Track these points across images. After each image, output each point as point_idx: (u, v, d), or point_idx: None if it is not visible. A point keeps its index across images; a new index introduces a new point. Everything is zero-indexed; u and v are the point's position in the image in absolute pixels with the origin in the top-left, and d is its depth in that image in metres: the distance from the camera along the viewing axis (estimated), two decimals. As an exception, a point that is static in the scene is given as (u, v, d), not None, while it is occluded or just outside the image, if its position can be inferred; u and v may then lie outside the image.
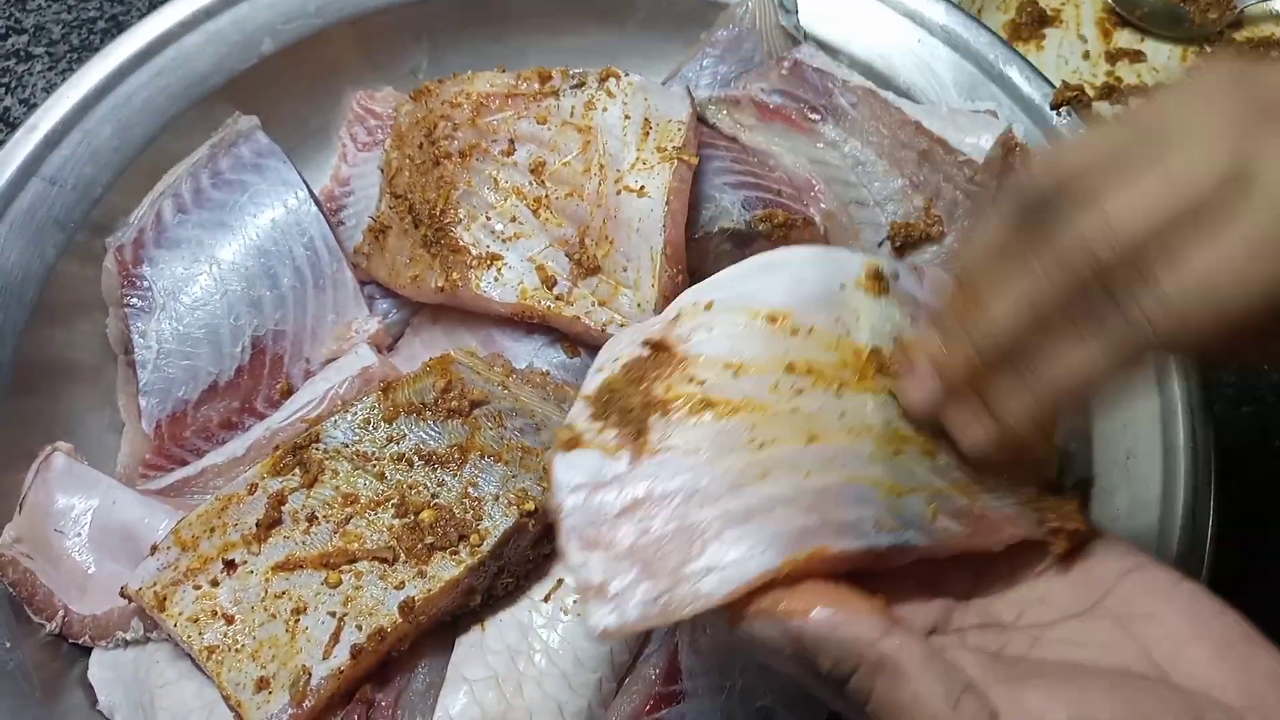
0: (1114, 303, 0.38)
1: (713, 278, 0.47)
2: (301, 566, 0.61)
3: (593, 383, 0.45)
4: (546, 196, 0.72)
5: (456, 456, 0.64)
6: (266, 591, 0.61)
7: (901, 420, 0.45)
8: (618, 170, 0.71)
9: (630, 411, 0.43)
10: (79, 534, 0.67)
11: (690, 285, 0.69)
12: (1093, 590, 0.44)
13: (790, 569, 0.40)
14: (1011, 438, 0.43)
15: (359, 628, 0.59)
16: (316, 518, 0.63)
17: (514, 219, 0.73)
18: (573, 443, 0.43)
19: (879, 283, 0.47)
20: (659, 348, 0.45)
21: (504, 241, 0.73)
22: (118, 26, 1.00)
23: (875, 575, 0.43)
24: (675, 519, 0.41)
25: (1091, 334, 0.39)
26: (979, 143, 0.74)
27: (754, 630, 0.40)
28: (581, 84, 0.74)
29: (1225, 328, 0.37)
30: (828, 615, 0.39)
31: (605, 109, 0.72)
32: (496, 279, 0.72)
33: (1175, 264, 0.37)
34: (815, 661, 0.39)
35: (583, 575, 0.41)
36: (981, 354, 0.42)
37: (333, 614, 0.60)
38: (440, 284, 0.72)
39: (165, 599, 0.61)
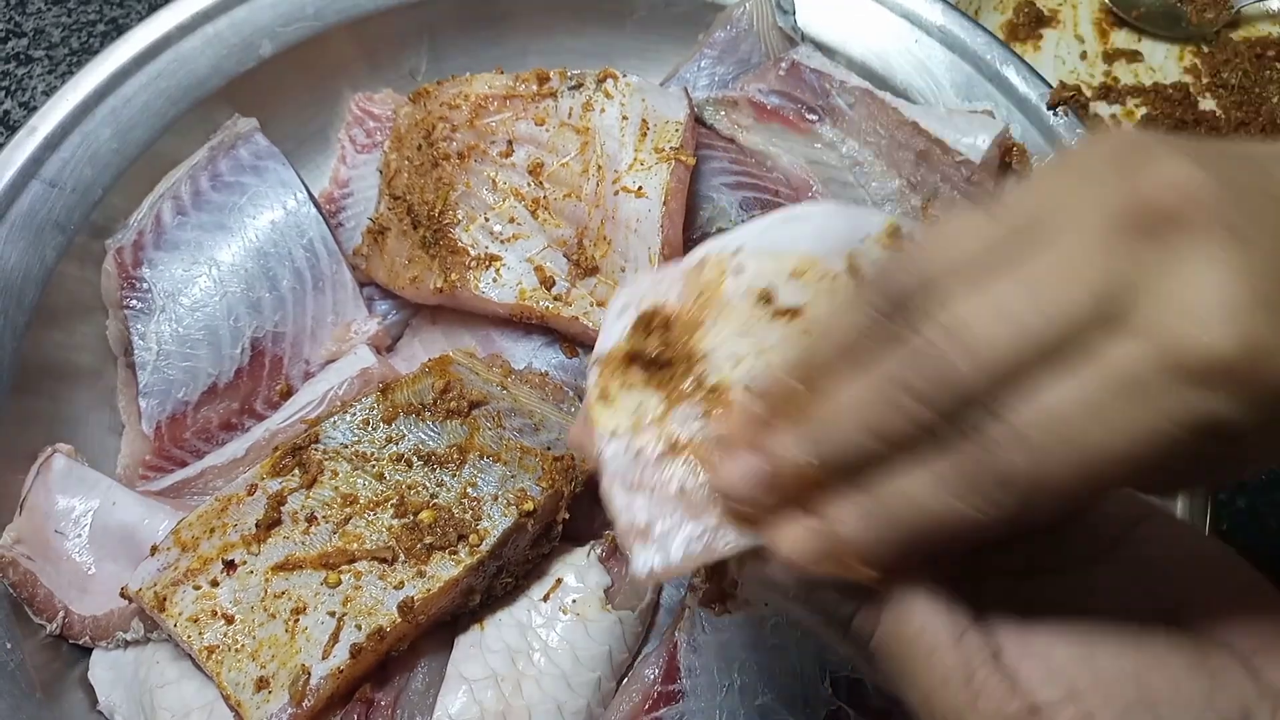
0: (959, 426, 0.34)
1: (735, 230, 0.47)
2: (301, 567, 0.62)
3: (618, 326, 0.45)
4: (545, 197, 0.73)
5: (455, 457, 0.65)
6: (266, 591, 0.61)
7: None
8: (615, 171, 0.71)
9: (662, 356, 0.43)
10: (79, 535, 0.68)
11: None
12: (1103, 538, 0.43)
13: None
14: (838, 558, 0.37)
15: (358, 627, 0.60)
16: (316, 518, 0.63)
17: (512, 220, 0.73)
18: (607, 391, 0.43)
19: (897, 240, 0.46)
20: (688, 292, 0.44)
21: (502, 242, 0.73)
22: (117, 30, 1.00)
23: None
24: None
25: (936, 460, 0.35)
26: (976, 143, 0.74)
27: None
28: (579, 85, 0.74)
29: (1088, 477, 0.33)
30: None
31: (603, 110, 0.72)
32: (495, 280, 0.72)
33: (1033, 393, 0.32)
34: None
35: (626, 518, 0.41)
36: (818, 456, 0.37)
37: (332, 614, 0.60)
38: (439, 285, 0.72)
39: (165, 599, 0.61)
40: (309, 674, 0.58)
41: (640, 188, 0.70)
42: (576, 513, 0.67)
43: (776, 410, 0.39)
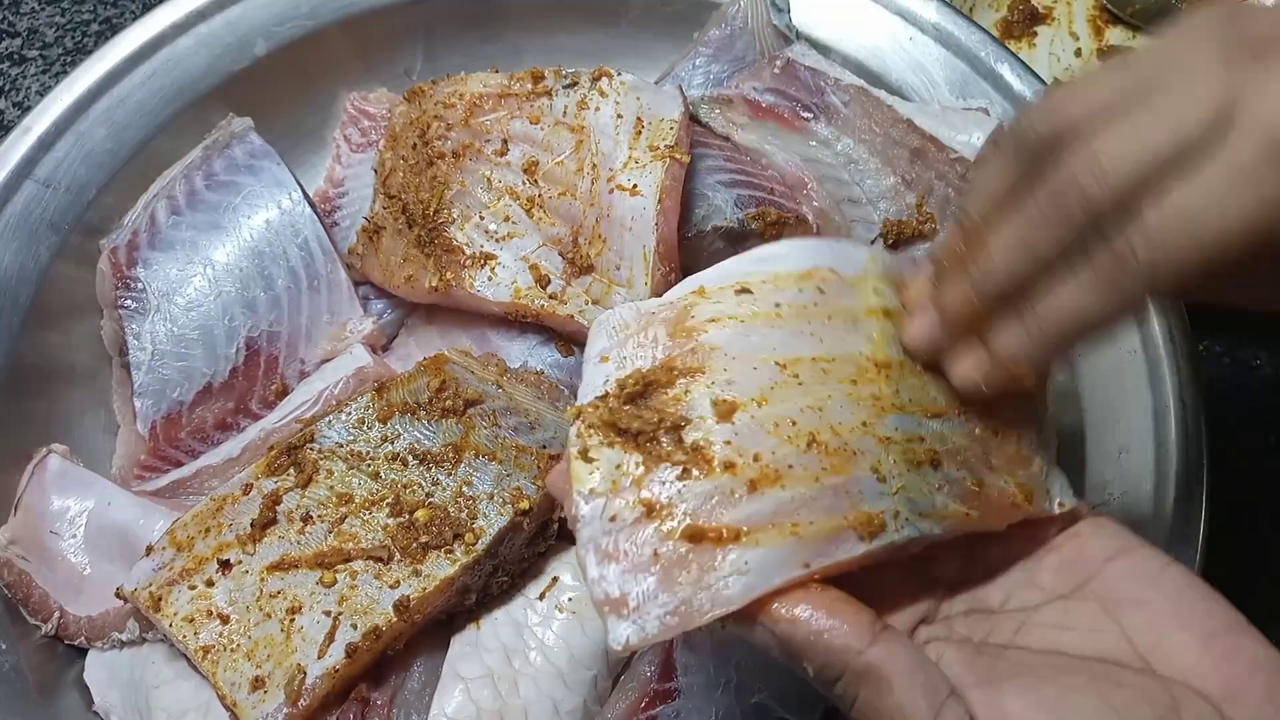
0: (1103, 239, 0.39)
1: (715, 267, 0.47)
2: (296, 566, 0.62)
3: (598, 377, 0.45)
4: (540, 196, 0.73)
5: (451, 456, 0.65)
6: (262, 591, 0.61)
7: (909, 399, 0.46)
8: (610, 169, 0.71)
9: (640, 428, 0.42)
10: (74, 535, 0.68)
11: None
12: (1080, 572, 0.44)
13: (821, 572, 0.40)
14: (1003, 372, 0.44)
15: (354, 626, 0.59)
16: (311, 517, 0.63)
17: (507, 218, 0.73)
18: (586, 450, 0.42)
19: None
20: (670, 342, 0.45)
21: (497, 241, 0.73)
22: (111, 29, 1.00)
23: (871, 566, 0.43)
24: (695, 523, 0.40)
25: (1083, 271, 0.40)
26: (971, 140, 0.74)
27: (744, 634, 0.41)
28: (574, 84, 0.74)
29: (1206, 259, 0.37)
30: (815, 622, 0.39)
31: (598, 108, 0.72)
32: (490, 278, 0.72)
33: (1160, 198, 0.37)
34: (803, 665, 0.39)
35: (600, 589, 0.40)
36: (980, 294, 0.43)
37: (328, 613, 0.60)
38: (434, 284, 0.72)
39: (160, 599, 0.61)
40: (305, 673, 0.58)
41: (635, 185, 0.70)
42: (572, 511, 0.67)
43: (949, 264, 0.45)
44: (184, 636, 0.60)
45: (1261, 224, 0.36)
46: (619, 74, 0.74)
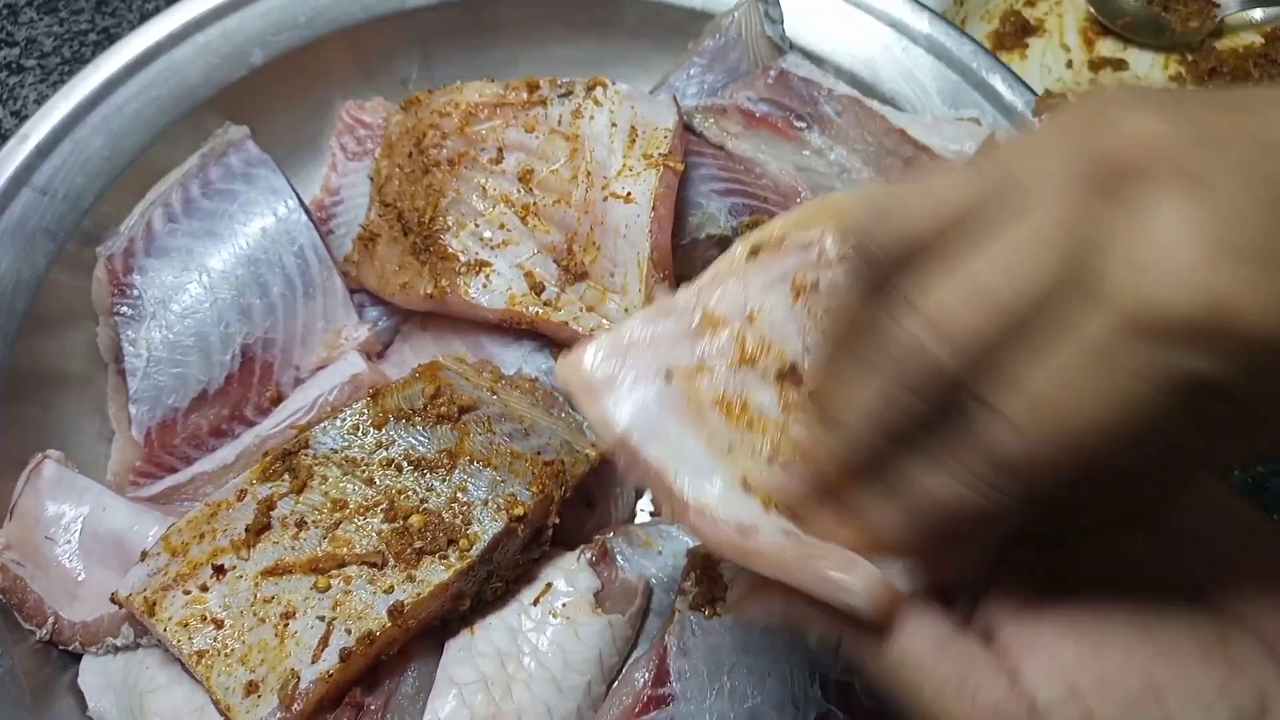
0: (957, 422, 0.34)
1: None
2: (290, 571, 0.62)
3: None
4: (534, 204, 0.73)
5: (445, 462, 0.65)
6: (256, 596, 0.61)
7: None
8: (604, 177, 0.71)
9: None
10: (69, 541, 0.68)
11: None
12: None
13: None
14: (874, 548, 0.39)
15: (348, 631, 0.60)
16: (305, 523, 0.63)
17: (502, 226, 0.73)
18: None
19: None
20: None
21: (492, 248, 0.73)
22: (109, 39, 1.01)
23: None
24: None
25: (945, 456, 0.35)
26: (963, 150, 0.75)
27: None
28: (569, 93, 0.74)
29: (1080, 457, 0.32)
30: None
31: (592, 117, 0.73)
32: (485, 285, 0.72)
33: (1015, 378, 0.32)
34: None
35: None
36: (842, 460, 0.38)
37: (322, 618, 0.60)
38: (429, 291, 0.73)
39: (155, 604, 0.61)
40: (298, 678, 0.58)
41: (629, 193, 0.70)
42: (566, 517, 0.67)
43: (815, 411, 0.40)
44: (178, 641, 0.60)
45: (1140, 414, 0.31)
46: (614, 83, 0.74)
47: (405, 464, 0.65)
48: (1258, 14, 1.02)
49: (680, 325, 0.44)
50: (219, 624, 0.61)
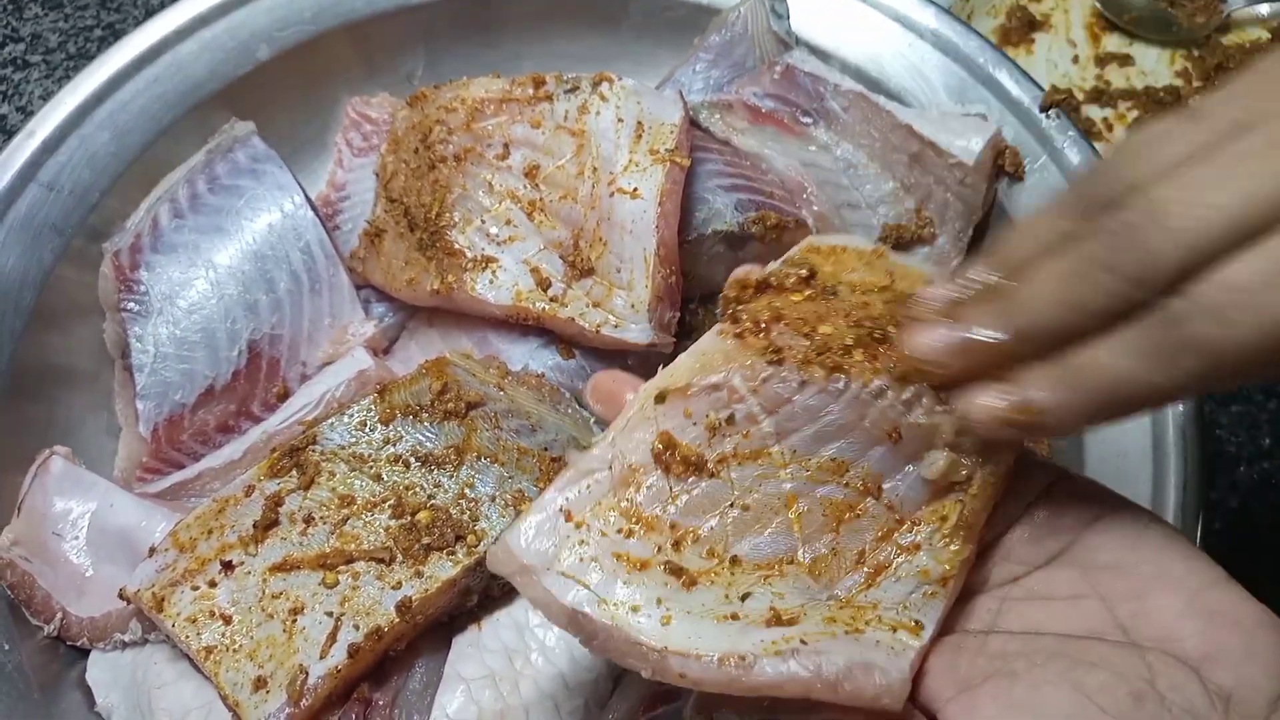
0: (1158, 300, 0.35)
1: None
2: (299, 567, 0.62)
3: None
4: (540, 199, 0.73)
5: (453, 458, 0.65)
6: (264, 592, 0.61)
7: None
8: (610, 173, 0.71)
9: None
10: (77, 537, 0.68)
11: (683, 286, 0.70)
12: (1058, 539, 0.43)
13: None
14: (1025, 419, 0.39)
15: (356, 627, 0.60)
16: (313, 519, 0.63)
17: (509, 222, 0.73)
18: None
19: None
20: None
21: (499, 244, 0.73)
22: (114, 35, 1.01)
23: None
24: None
25: (1130, 332, 0.36)
26: (969, 145, 0.75)
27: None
28: (575, 88, 0.74)
29: (1267, 344, 0.34)
30: None
31: (598, 113, 0.73)
32: (491, 281, 0.72)
33: (1224, 266, 0.34)
34: None
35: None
36: (1014, 331, 0.39)
37: (330, 614, 0.60)
38: (435, 287, 0.73)
39: (163, 600, 0.61)
40: (306, 674, 0.59)
41: (635, 189, 0.70)
42: (573, 513, 0.67)
43: (981, 290, 0.40)
44: (186, 637, 0.60)
45: None
46: (619, 79, 0.74)
47: (413, 460, 0.65)
48: (1264, 9, 1.01)
49: (601, 483, 0.44)
50: (227, 619, 0.61)
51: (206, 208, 0.76)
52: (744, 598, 0.42)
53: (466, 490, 0.64)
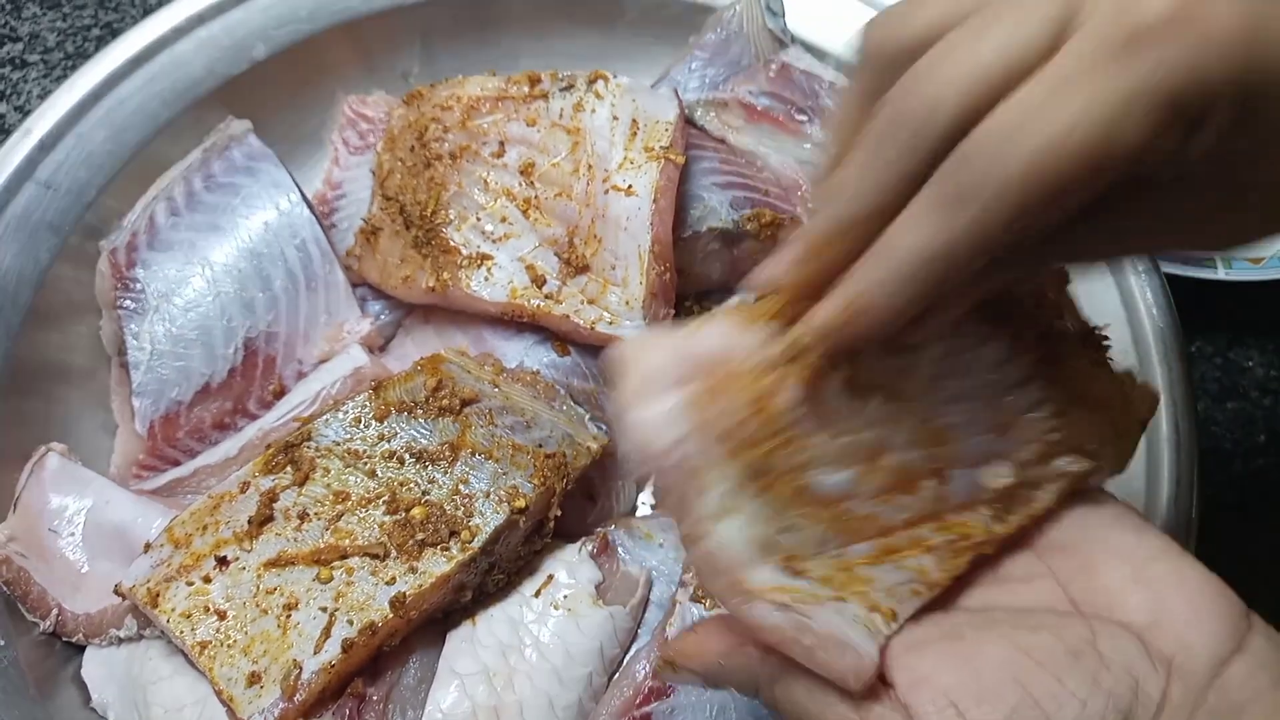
0: (936, 166, 0.35)
1: None
2: (293, 563, 0.62)
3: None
4: (536, 197, 0.73)
5: (447, 454, 0.65)
6: (258, 587, 0.61)
7: None
8: (606, 170, 0.71)
9: None
10: (73, 533, 0.68)
11: (678, 283, 0.70)
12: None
13: None
14: (850, 314, 0.38)
15: (350, 622, 0.60)
16: (308, 515, 0.63)
17: (504, 219, 0.73)
18: None
19: None
20: None
21: (494, 242, 0.73)
22: (112, 34, 1.01)
23: None
24: None
25: (919, 196, 0.36)
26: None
27: (671, 673, 0.44)
28: (570, 86, 0.74)
29: (1036, 178, 0.33)
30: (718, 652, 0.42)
31: (594, 110, 0.73)
32: (487, 279, 0.72)
33: (987, 119, 0.34)
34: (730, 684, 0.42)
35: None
36: (834, 223, 0.38)
37: (324, 609, 0.60)
38: (431, 284, 0.73)
39: (158, 595, 0.62)
40: (301, 669, 0.59)
41: (630, 186, 0.70)
42: (568, 510, 0.67)
43: (815, 198, 0.40)
44: (181, 632, 0.61)
45: (1094, 132, 0.32)
46: (615, 77, 0.74)
47: (407, 456, 0.65)
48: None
49: (750, 349, 0.40)
50: (222, 615, 0.61)
51: (203, 206, 0.76)
52: (784, 530, 0.40)
53: (461, 486, 0.64)
